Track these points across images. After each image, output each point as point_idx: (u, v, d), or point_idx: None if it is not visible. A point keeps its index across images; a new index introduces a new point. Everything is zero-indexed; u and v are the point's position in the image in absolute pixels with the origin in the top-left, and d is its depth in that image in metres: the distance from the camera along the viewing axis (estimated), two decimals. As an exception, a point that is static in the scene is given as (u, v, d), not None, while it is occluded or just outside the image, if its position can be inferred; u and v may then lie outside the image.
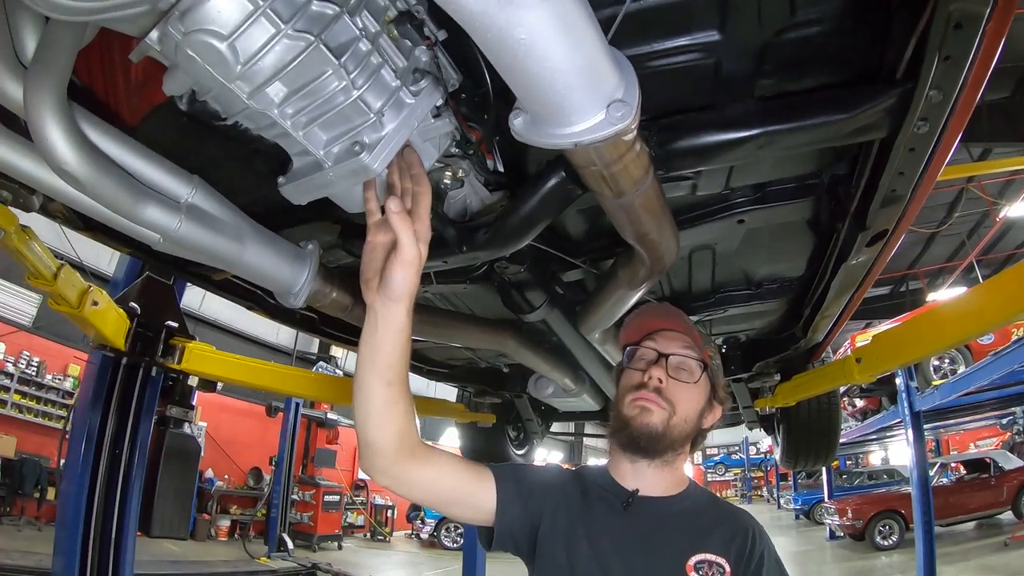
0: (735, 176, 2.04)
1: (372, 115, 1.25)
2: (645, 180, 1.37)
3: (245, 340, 17.13)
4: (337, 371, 17.15)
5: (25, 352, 12.51)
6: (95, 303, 3.10)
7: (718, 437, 31.11)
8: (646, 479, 1.52)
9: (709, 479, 33.76)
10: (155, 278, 4.17)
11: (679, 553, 1.41)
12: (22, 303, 12.54)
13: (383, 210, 1.27)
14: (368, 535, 18.81)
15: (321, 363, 17.60)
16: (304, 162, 1.39)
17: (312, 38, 1.10)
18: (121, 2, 1.00)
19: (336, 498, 16.48)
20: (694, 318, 3.11)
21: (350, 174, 1.30)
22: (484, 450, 5.71)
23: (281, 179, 1.43)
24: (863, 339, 11.93)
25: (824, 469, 16.90)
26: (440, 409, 5.39)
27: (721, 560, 1.40)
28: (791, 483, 22.78)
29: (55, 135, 1.24)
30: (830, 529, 16.63)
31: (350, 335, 3.35)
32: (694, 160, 1.62)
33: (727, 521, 1.51)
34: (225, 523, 14.94)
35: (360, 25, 1.18)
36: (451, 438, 9.66)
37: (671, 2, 1.39)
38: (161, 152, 1.59)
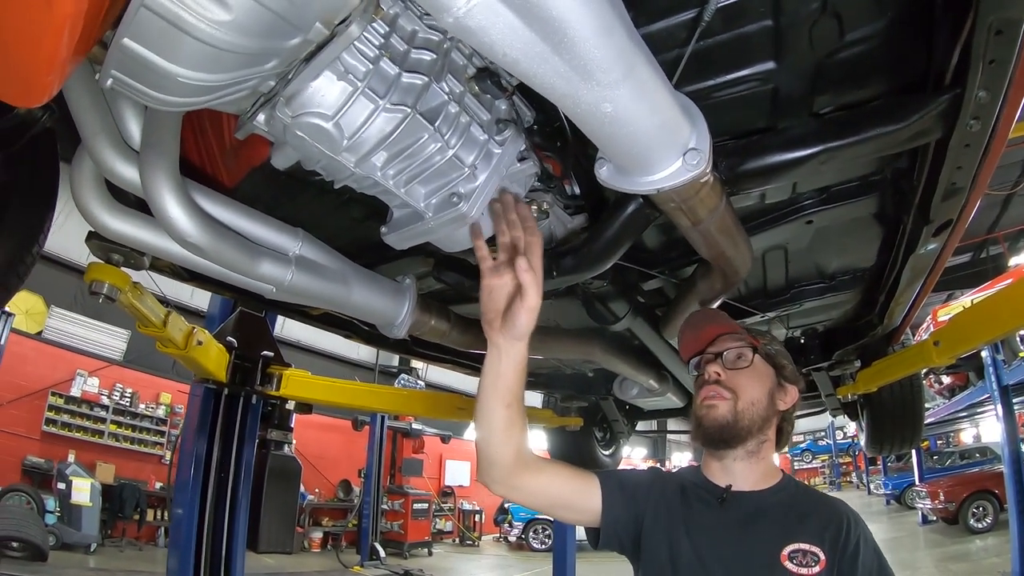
0: (801, 183, 2.12)
1: (466, 169, 1.38)
2: (719, 207, 1.47)
3: (327, 358, 17.60)
4: (419, 383, 17.50)
5: (118, 384, 13.30)
6: (199, 342, 3.32)
7: (803, 424, 29.95)
8: (735, 473, 1.59)
9: (796, 467, 32.60)
10: (248, 312, 4.40)
11: (773, 544, 1.46)
12: (112, 339, 13.32)
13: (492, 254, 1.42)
14: (457, 540, 19.07)
15: (403, 376, 17.93)
16: (404, 213, 1.53)
17: (408, 109, 1.23)
18: (225, 92, 1.12)
19: (424, 506, 16.80)
20: (771, 314, 3.15)
21: (449, 222, 1.44)
22: (572, 452, 5.78)
23: (383, 229, 1.57)
24: (945, 312, 11.50)
25: (914, 451, 16.26)
26: (529, 416, 5.48)
27: (815, 549, 1.45)
28: (881, 467, 21.94)
29: (176, 212, 1.41)
30: (922, 513, 15.93)
31: (439, 353, 3.54)
32: (761, 180, 1.70)
33: (821, 510, 1.56)
34: (317, 535, 15.40)
35: (447, 89, 1.31)
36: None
37: (729, 40, 1.49)
38: (261, 206, 1.76)
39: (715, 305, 2.29)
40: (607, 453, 6.07)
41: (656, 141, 1.11)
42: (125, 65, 0.98)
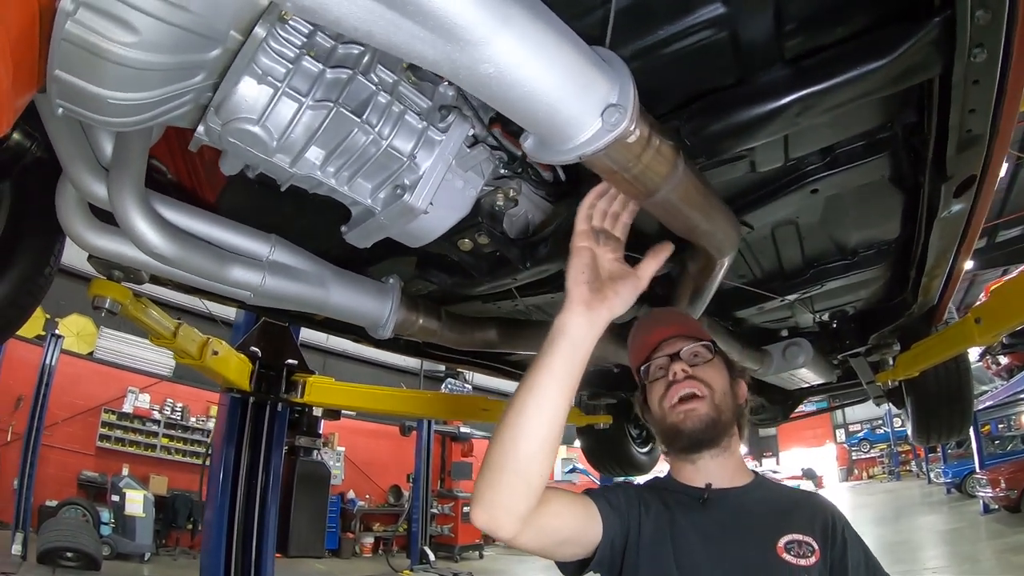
0: (793, 145, 1.91)
1: (405, 159, 1.35)
2: (674, 174, 1.29)
3: (374, 366, 17.90)
4: (466, 387, 17.58)
5: (169, 399, 13.97)
6: (215, 352, 3.38)
7: (860, 413, 29.06)
8: (712, 472, 1.53)
9: (854, 457, 31.80)
10: (271, 322, 4.50)
11: (767, 536, 1.41)
12: (161, 356, 13.80)
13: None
14: (508, 543, 19.08)
15: (449, 380, 18.04)
16: (359, 210, 1.52)
17: (331, 104, 1.22)
18: (165, 108, 1.15)
19: (475, 508, 16.85)
20: (791, 297, 2.98)
21: (398, 215, 1.41)
22: (605, 451, 5.68)
23: (343, 228, 1.55)
24: (1000, 289, 11.00)
25: (973, 436, 15.65)
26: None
27: (809, 539, 1.40)
28: (940, 455, 21.06)
29: (142, 226, 1.43)
30: (983, 502, 15.16)
31: (451, 354, 3.47)
32: (732, 141, 1.56)
33: (805, 503, 1.53)
34: (369, 540, 15.74)
35: (376, 80, 1.28)
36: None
37: None
38: (243, 217, 1.77)
39: (714, 288, 2.14)
40: (643, 451, 5.89)
41: (564, 101, 1.00)
42: (65, 94, 1.04)
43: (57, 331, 10.88)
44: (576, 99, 1.00)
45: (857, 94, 1.44)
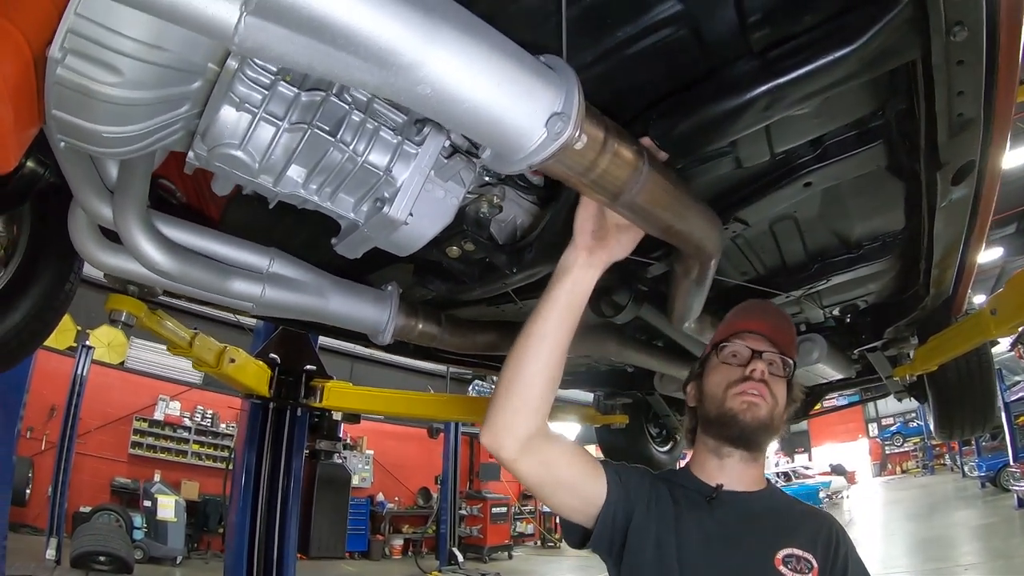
0: (778, 139, 1.85)
1: (382, 173, 1.40)
2: (637, 177, 1.24)
3: (401, 370, 17.97)
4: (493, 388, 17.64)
5: (199, 407, 14.30)
6: (232, 360, 3.47)
7: (892, 406, 28.48)
8: (732, 474, 1.53)
9: (887, 452, 31.30)
10: (290, 329, 4.59)
11: (767, 547, 1.41)
12: (190, 364, 14.02)
13: None
14: (538, 543, 19.11)
15: (476, 382, 18.12)
16: (345, 223, 1.57)
17: (306, 126, 1.29)
18: (156, 138, 1.22)
19: (504, 509, 16.97)
20: (797, 293, 2.92)
21: (381, 227, 1.46)
22: (624, 451, 5.63)
23: (334, 240, 1.60)
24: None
25: (1007, 428, 15.28)
26: (569, 413, 5.45)
27: (808, 555, 1.40)
28: (975, 448, 20.59)
29: (144, 244, 1.52)
30: (1017, 496, 14.85)
31: (461, 357, 3.52)
32: (701, 140, 1.52)
33: (810, 518, 1.53)
34: (398, 542, 15.93)
35: (349, 99, 1.34)
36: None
37: None
38: (247, 232, 1.85)
39: (706, 287, 2.08)
40: (663, 450, 5.85)
41: (507, 113, 1.00)
42: (63, 130, 1.13)
43: (88, 342, 11.16)
44: (519, 110, 1.01)
45: (829, 82, 1.39)
